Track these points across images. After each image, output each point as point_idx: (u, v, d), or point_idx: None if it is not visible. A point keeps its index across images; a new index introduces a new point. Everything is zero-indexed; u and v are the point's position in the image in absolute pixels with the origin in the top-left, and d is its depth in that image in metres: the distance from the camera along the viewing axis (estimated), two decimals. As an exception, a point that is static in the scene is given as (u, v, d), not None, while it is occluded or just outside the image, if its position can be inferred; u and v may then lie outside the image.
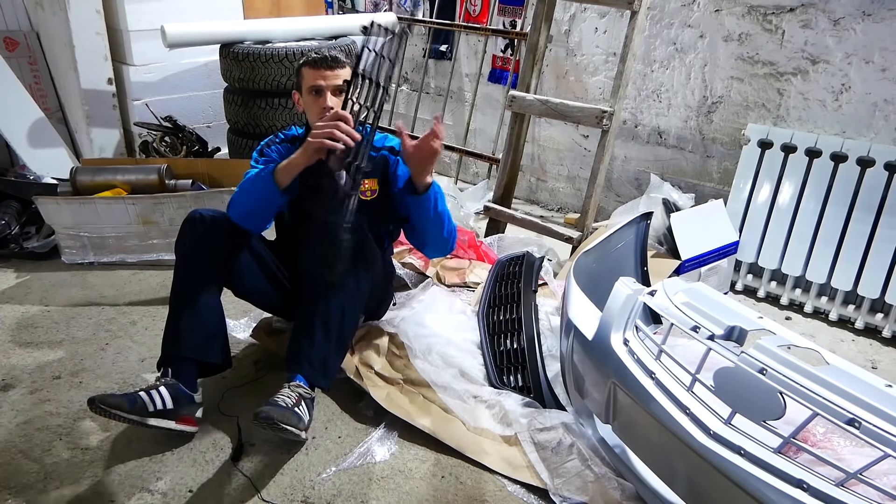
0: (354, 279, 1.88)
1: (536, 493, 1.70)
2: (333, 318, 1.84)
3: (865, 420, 1.13)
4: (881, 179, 2.45)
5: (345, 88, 1.95)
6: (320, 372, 1.84)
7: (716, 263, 2.68)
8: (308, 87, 1.98)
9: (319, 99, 1.97)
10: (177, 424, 1.80)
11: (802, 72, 2.71)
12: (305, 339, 1.84)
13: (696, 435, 1.35)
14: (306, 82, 1.99)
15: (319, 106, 1.96)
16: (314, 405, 1.84)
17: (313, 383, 1.84)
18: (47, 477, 1.72)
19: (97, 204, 2.86)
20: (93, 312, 2.54)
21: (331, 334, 1.84)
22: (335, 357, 1.90)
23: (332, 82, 1.97)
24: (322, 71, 1.96)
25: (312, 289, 1.88)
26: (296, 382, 1.80)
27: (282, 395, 1.73)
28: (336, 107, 1.96)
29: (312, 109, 2.00)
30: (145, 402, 1.73)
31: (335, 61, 1.97)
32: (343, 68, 1.99)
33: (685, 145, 3.16)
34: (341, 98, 1.96)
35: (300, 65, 2.03)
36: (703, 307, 1.50)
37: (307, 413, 1.76)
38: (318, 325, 1.83)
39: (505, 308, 2.28)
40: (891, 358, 2.45)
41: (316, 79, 1.96)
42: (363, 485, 1.72)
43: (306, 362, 1.82)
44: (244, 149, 3.48)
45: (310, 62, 1.98)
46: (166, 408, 1.77)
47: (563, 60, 3.55)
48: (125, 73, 3.85)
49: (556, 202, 3.86)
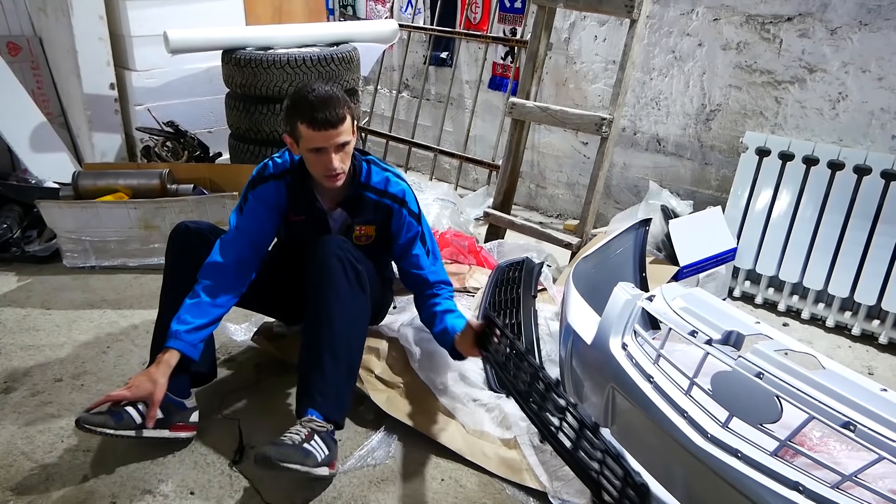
0: (353, 302, 1.82)
1: (535, 496, 1.71)
2: (340, 346, 1.78)
3: (861, 423, 1.14)
4: (878, 187, 2.47)
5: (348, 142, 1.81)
6: (334, 403, 1.76)
7: (714, 270, 2.70)
8: (308, 148, 1.80)
9: (322, 157, 1.80)
10: (171, 432, 1.82)
11: (800, 80, 2.73)
12: (315, 371, 1.76)
13: (693, 438, 1.36)
14: (305, 142, 1.79)
15: (323, 165, 1.80)
16: (334, 436, 1.74)
17: (328, 417, 1.73)
18: (49, 478, 1.73)
19: (99, 208, 2.87)
20: (94, 316, 2.56)
21: (340, 363, 1.77)
22: (347, 386, 1.82)
23: (336, 141, 1.78)
24: (323, 132, 1.76)
25: (313, 318, 1.81)
26: (308, 417, 1.71)
27: (290, 432, 1.66)
28: (341, 164, 1.80)
29: (315, 166, 1.83)
30: (132, 417, 1.73)
31: (337, 119, 1.76)
32: (345, 121, 1.78)
33: (684, 153, 3.18)
34: (345, 154, 1.83)
35: (292, 115, 1.78)
36: (701, 312, 1.51)
37: (323, 447, 1.66)
38: (326, 355, 1.76)
39: (504, 313, 2.29)
40: (887, 364, 2.47)
41: (317, 141, 1.77)
42: (363, 487, 1.73)
43: (318, 395, 1.74)
44: (246, 154, 3.50)
45: (308, 120, 1.75)
46: (157, 418, 1.77)
47: (562, 68, 3.58)
48: (127, 78, 3.88)
49: (555, 209, 3.88)
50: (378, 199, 1.96)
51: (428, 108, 4.37)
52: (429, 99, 4.36)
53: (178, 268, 1.92)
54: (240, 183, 3.03)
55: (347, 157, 1.86)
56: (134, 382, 1.75)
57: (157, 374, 1.74)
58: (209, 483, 1.73)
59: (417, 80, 4.38)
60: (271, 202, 1.94)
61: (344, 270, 1.80)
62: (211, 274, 1.86)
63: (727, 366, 1.35)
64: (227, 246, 1.90)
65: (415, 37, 4.31)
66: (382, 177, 1.98)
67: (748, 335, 1.46)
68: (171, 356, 1.78)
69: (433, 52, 4.20)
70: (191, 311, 1.83)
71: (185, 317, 1.82)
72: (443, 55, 4.19)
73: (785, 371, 1.28)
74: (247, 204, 1.94)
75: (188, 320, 1.81)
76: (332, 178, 1.84)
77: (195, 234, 1.94)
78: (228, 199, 2.89)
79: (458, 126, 4.22)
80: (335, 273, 1.79)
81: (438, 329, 1.95)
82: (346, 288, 1.80)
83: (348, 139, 1.82)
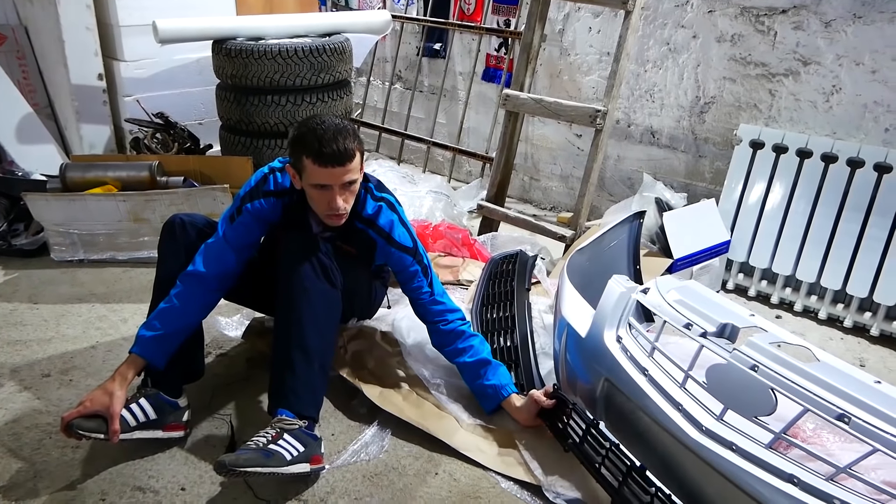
0: (322, 297, 1.77)
1: (530, 489, 1.70)
2: (310, 343, 1.73)
3: (855, 415, 1.14)
4: (870, 180, 2.47)
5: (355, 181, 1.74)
6: (306, 400, 1.71)
7: (707, 262, 2.70)
8: (312, 184, 1.72)
9: (326, 194, 1.72)
10: (164, 433, 1.79)
11: (794, 73, 2.73)
12: (286, 370, 1.71)
13: (688, 431, 1.36)
14: (309, 177, 1.70)
15: (326, 202, 1.73)
16: (314, 431, 1.70)
17: (302, 413, 1.69)
18: (37, 476, 1.71)
19: (87, 201, 2.84)
20: (83, 310, 2.53)
21: (311, 360, 1.72)
22: (320, 381, 1.76)
23: (342, 180, 1.70)
24: (330, 169, 1.67)
25: (282, 316, 1.78)
26: (277, 417, 1.67)
27: (257, 435, 1.63)
28: (345, 204, 1.73)
29: (317, 203, 1.76)
30: (126, 420, 1.70)
31: (346, 155, 1.67)
32: (354, 159, 1.69)
33: (678, 145, 3.18)
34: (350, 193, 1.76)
35: (298, 148, 1.70)
36: (696, 305, 1.51)
37: (296, 445, 1.62)
38: (296, 353, 1.71)
39: (498, 306, 2.28)
40: (878, 356, 2.47)
41: (322, 178, 1.69)
42: (357, 482, 1.72)
43: (290, 394, 1.70)
44: (237, 146, 3.47)
45: (314, 154, 1.66)
46: (149, 419, 1.75)
47: (556, 59, 3.56)
48: (116, 68, 3.83)
49: (549, 201, 3.87)
50: (364, 228, 1.89)
51: (421, 99, 4.34)
52: (422, 91, 4.33)
53: (172, 262, 1.88)
54: (231, 175, 3.03)
55: (352, 196, 1.78)
56: (89, 397, 1.68)
57: (114, 387, 1.69)
58: (200, 479, 1.72)
59: (410, 71, 4.35)
60: (265, 218, 1.89)
61: (311, 267, 1.75)
62: (190, 282, 1.81)
63: (722, 358, 1.35)
64: (212, 256, 1.84)
65: (408, 28, 4.28)
66: (375, 207, 1.89)
67: (743, 328, 1.45)
68: (132, 364, 1.74)
69: (426, 43, 4.17)
70: (162, 317, 1.78)
71: (155, 323, 1.78)
72: (436, 46, 4.16)
73: (779, 363, 1.28)
74: (239, 217, 1.85)
75: (157, 326, 1.77)
76: (334, 217, 1.78)
77: (190, 226, 1.90)
78: (219, 191, 2.86)
79: (452, 118, 4.20)
80: (302, 270, 1.74)
81: (477, 384, 1.91)
82: (313, 284, 1.75)
83: (355, 178, 1.74)
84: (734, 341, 1.46)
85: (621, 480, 1.50)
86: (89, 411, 1.66)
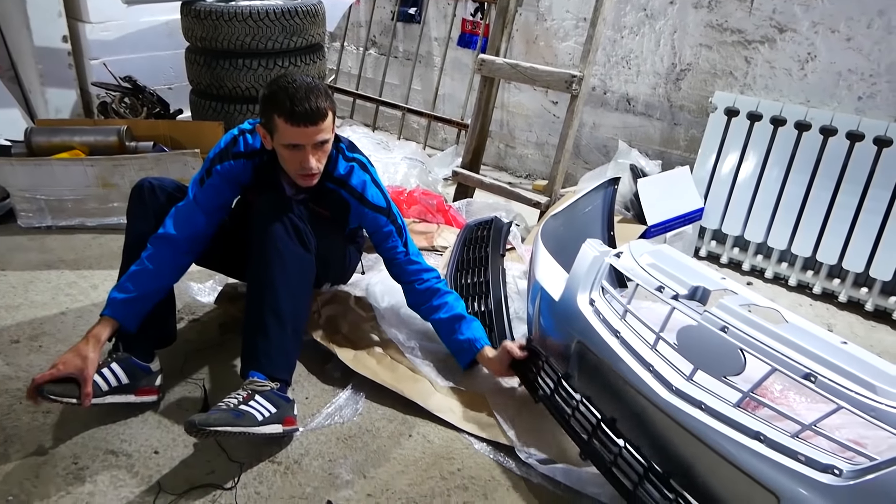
0: (295, 260, 1.75)
1: (503, 450, 1.72)
2: (283, 306, 1.71)
3: (821, 374, 1.16)
4: (843, 148, 2.49)
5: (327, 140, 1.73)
6: (278, 363, 1.70)
7: (681, 229, 2.72)
8: (284, 144, 1.70)
9: (298, 155, 1.71)
10: (136, 397, 1.78)
11: (770, 40, 2.73)
12: (258, 333, 1.70)
13: (659, 391, 1.38)
14: (281, 136, 1.68)
15: (298, 162, 1.71)
16: (286, 394, 1.70)
17: (274, 375, 1.68)
18: (8, 440, 1.69)
19: (54, 166, 2.77)
20: (52, 277, 2.48)
21: (284, 323, 1.71)
22: (293, 345, 1.75)
23: (314, 139, 1.69)
24: (302, 128, 1.66)
25: (255, 279, 1.75)
26: (249, 379, 1.66)
27: (228, 397, 1.61)
28: (317, 164, 1.72)
29: (289, 163, 1.74)
30: (98, 384, 1.68)
31: (318, 114, 1.65)
32: (326, 118, 1.68)
33: (653, 112, 3.18)
34: (323, 153, 1.74)
35: (269, 107, 1.67)
36: (668, 268, 1.52)
37: (267, 406, 1.61)
38: (269, 316, 1.70)
39: (473, 272, 2.28)
40: (846, 322, 2.53)
41: (294, 137, 1.67)
42: (331, 444, 1.73)
43: (262, 357, 1.69)
44: (208, 111, 3.40)
45: (286, 114, 1.64)
46: (122, 384, 1.73)
47: (533, 25, 3.52)
48: (81, 30, 3.72)
49: (524, 169, 3.86)
50: (336, 188, 1.88)
51: (396, 65, 4.28)
52: (397, 56, 4.27)
53: (141, 226, 1.84)
54: (201, 140, 2.97)
55: (325, 155, 1.77)
56: (62, 359, 1.64)
57: (87, 350, 1.66)
58: (174, 442, 1.71)
59: (385, 36, 4.28)
60: (235, 179, 1.86)
61: (284, 228, 1.74)
62: (161, 245, 1.79)
63: (693, 320, 1.36)
64: (181, 218, 1.81)
65: (382, -8, 4.21)
66: (347, 167, 1.88)
67: (714, 290, 1.46)
68: (104, 327, 1.71)
69: (401, 7, 4.10)
70: (133, 279, 1.76)
71: (127, 285, 1.75)
72: (411, 11, 4.10)
73: (749, 325, 1.29)
74: (209, 179, 1.83)
75: (129, 288, 1.75)
76: (306, 177, 1.76)
77: (159, 190, 1.86)
78: (190, 156, 2.81)
79: (427, 84, 4.15)
80: (275, 232, 1.73)
81: (453, 339, 1.92)
82: (286, 246, 1.73)
83: (328, 137, 1.73)
84: (705, 304, 1.47)
85: (591, 432, 1.52)
86: (62, 374, 1.62)
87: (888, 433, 1.07)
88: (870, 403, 1.10)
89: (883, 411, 1.08)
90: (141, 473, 1.61)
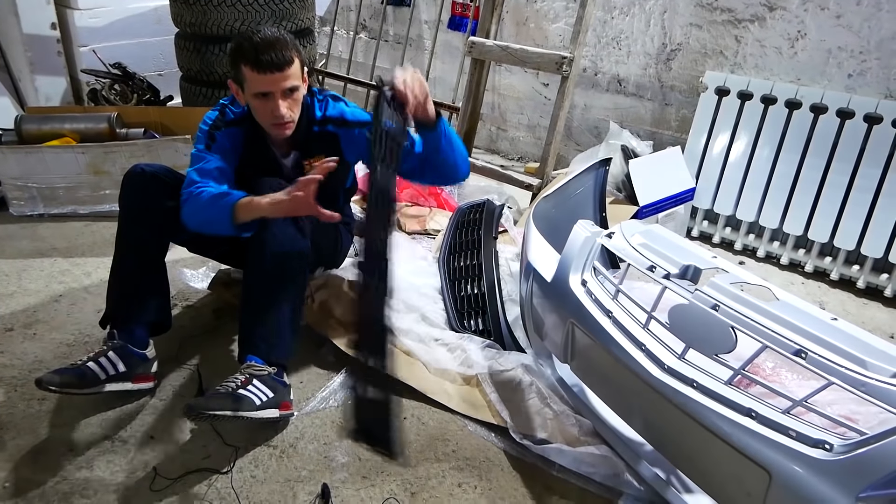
0: (292, 245, 1.75)
1: (497, 431, 1.74)
2: (279, 290, 1.72)
3: (812, 351, 1.17)
4: (833, 126, 2.49)
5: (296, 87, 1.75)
6: (276, 347, 1.70)
7: (673, 209, 2.73)
8: (253, 93, 1.73)
9: (268, 103, 1.74)
10: (133, 384, 1.77)
11: (760, 18, 2.72)
12: (254, 317, 1.70)
13: (651, 370, 1.39)
14: (250, 86, 1.72)
15: (269, 111, 1.74)
16: (283, 378, 1.71)
17: (271, 359, 1.69)
18: (3, 428, 1.70)
19: (45, 153, 2.76)
20: (45, 265, 2.48)
21: (281, 307, 1.71)
22: (290, 328, 1.75)
23: (282, 86, 1.72)
24: (269, 75, 1.69)
25: (251, 264, 1.75)
26: (247, 363, 1.66)
27: (226, 381, 1.62)
28: (289, 111, 1.75)
29: (261, 114, 1.77)
30: (96, 373, 1.67)
31: (283, 61, 1.69)
32: (292, 65, 1.71)
33: (644, 93, 3.17)
34: (294, 101, 1.77)
35: (236, 58, 1.71)
36: (660, 247, 1.53)
37: (265, 390, 1.62)
38: (266, 300, 1.71)
39: (465, 254, 2.29)
40: (837, 299, 2.54)
41: (262, 85, 1.70)
42: (325, 428, 1.74)
43: (259, 341, 1.69)
44: (198, 97, 3.38)
45: (252, 62, 1.67)
46: (119, 371, 1.72)
47: (523, 7, 3.50)
48: (70, 17, 3.69)
49: (516, 151, 3.86)
50: (321, 128, 1.90)
51: (386, 49, 4.26)
52: (387, 40, 4.25)
53: (134, 212, 1.83)
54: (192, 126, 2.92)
55: (296, 104, 1.79)
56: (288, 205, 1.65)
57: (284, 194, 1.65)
58: (170, 428, 1.72)
59: (375, 20, 4.26)
60: (234, 148, 1.87)
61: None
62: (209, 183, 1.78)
63: (684, 299, 1.37)
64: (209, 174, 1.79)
65: (372, -25, 4.17)
66: (321, 105, 1.91)
67: (705, 269, 1.47)
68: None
69: (391, -10, 4.08)
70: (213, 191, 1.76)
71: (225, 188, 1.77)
72: (401, -6, 4.07)
73: (740, 303, 1.30)
74: (215, 143, 1.84)
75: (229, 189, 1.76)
76: (279, 126, 1.78)
77: (150, 176, 1.84)
78: (181, 142, 2.79)
79: (418, 67, 4.10)
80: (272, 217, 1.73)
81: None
82: (283, 232, 1.74)
83: (296, 84, 1.76)
84: (696, 282, 1.48)
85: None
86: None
87: (879, 408, 1.08)
88: (860, 379, 1.11)
89: (873, 386, 1.09)
90: (137, 459, 1.62)
